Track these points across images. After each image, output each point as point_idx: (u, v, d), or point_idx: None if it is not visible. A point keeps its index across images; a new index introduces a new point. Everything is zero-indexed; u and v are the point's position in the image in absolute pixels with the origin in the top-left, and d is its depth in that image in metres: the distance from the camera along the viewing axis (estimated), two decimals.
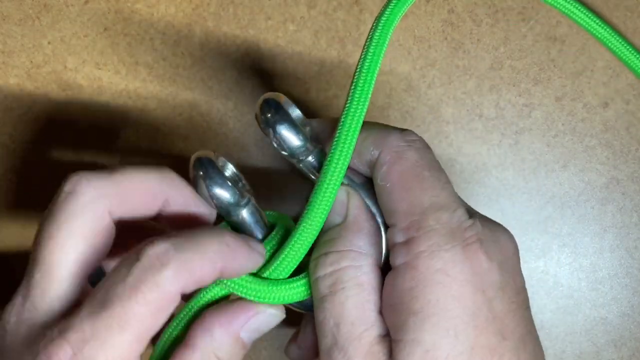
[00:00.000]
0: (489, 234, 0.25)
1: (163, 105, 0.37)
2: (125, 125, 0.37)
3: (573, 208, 0.38)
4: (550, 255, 0.38)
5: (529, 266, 0.38)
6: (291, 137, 0.27)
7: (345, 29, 0.36)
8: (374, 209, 0.27)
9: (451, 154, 0.37)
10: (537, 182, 0.37)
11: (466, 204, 0.27)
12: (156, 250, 0.24)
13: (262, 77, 0.36)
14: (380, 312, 0.25)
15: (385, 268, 0.26)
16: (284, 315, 0.27)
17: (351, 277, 0.25)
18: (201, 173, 0.26)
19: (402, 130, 0.26)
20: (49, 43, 0.36)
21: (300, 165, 0.28)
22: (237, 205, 0.27)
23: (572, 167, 0.37)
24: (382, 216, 0.27)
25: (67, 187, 0.26)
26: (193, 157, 0.27)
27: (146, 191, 0.27)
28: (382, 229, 0.27)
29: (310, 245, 0.26)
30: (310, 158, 0.27)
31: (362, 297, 0.25)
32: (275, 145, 0.27)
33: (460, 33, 0.36)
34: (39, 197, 0.37)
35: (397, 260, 0.25)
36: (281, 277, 0.27)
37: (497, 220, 0.38)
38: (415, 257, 0.24)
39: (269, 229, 0.28)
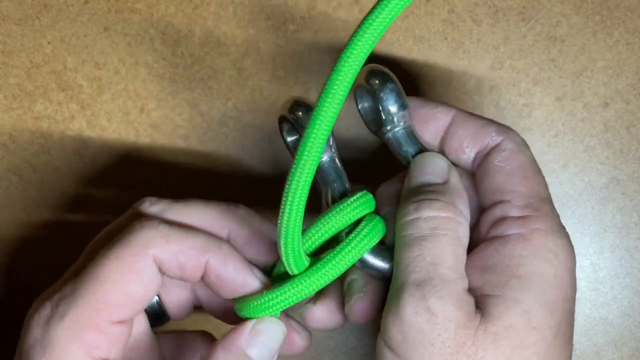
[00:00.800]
0: None
1: (163, 105, 0.37)
2: (124, 126, 0.37)
3: (573, 208, 0.38)
4: None
5: None
6: (393, 102, 0.29)
7: (345, 29, 0.36)
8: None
9: None
10: None
11: None
12: (142, 221, 0.27)
13: (262, 77, 0.36)
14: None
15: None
16: (283, 327, 0.28)
17: (452, 228, 0.26)
18: (300, 114, 0.28)
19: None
20: (48, 43, 0.36)
21: (389, 134, 0.29)
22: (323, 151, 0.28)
23: (572, 167, 0.37)
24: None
25: (135, 204, 0.29)
26: (290, 99, 0.29)
27: (205, 225, 0.29)
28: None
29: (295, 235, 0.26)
30: (398, 130, 0.29)
31: (458, 250, 0.26)
32: (373, 110, 0.29)
33: (460, 33, 0.36)
34: (38, 198, 0.37)
35: (510, 230, 0.26)
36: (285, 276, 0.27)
37: None
38: (532, 231, 0.26)
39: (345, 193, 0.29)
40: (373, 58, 0.36)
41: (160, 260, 0.26)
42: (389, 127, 0.29)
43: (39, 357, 0.25)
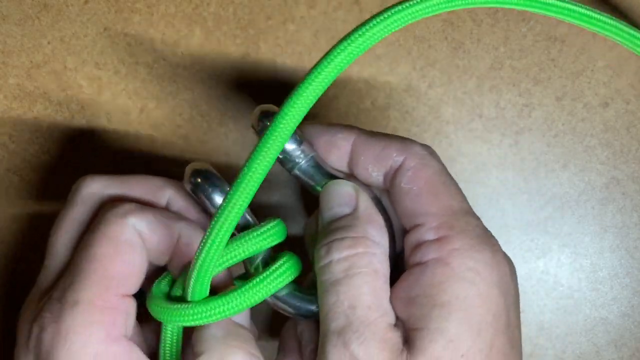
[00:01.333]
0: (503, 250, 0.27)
1: (163, 105, 0.37)
2: (125, 126, 0.37)
3: (573, 208, 0.38)
4: (550, 255, 0.38)
5: (529, 266, 0.38)
6: (290, 147, 0.28)
7: (345, 29, 0.36)
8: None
9: (451, 154, 0.37)
10: (537, 182, 0.37)
11: None
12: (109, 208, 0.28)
13: (262, 77, 0.36)
14: (390, 302, 0.26)
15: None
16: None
17: (367, 263, 0.26)
18: (199, 180, 0.28)
19: (421, 143, 0.28)
20: (48, 43, 0.36)
21: (295, 171, 0.29)
22: None
23: (572, 167, 0.37)
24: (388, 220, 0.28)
25: (74, 186, 0.30)
26: (190, 168, 0.28)
27: (147, 189, 0.30)
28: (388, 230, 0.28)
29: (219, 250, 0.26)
30: (301, 164, 0.28)
31: (377, 284, 0.26)
32: None
33: (460, 33, 0.36)
34: (39, 198, 0.37)
35: (427, 256, 0.26)
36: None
37: (497, 221, 0.38)
38: (449, 253, 0.25)
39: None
40: (373, 58, 0.36)
41: (139, 228, 0.27)
42: (291, 165, 0.29)
43: (60, 348, 0.25)
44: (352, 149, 0.28)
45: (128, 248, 0.27)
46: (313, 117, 0.37)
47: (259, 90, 0.37)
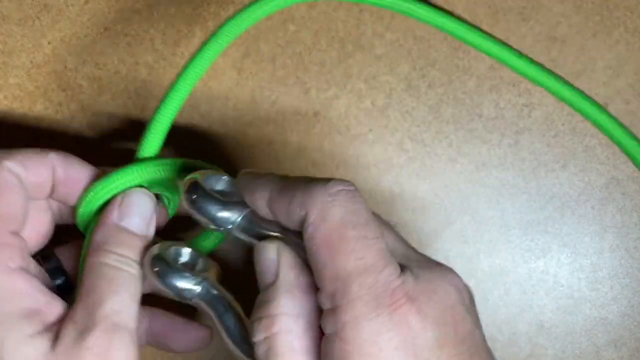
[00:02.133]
0: (424, 285, 0.25)
1: None
2: (125, 126, 0.37)
3: (573, 208, 0.38)
4: (550, 255, 0.38)
5: (529, 266, 0.38)
6: (217, 214, 0.27)
7: (345, 29, 0.36)
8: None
9: (451, 154, 0.37)
10: (537, 182, 0.37)
11: (405, 249, 0.27)
12: None
13: (263, 77, 0.36)
14: None
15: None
16: (151, 194, 0.30)
17: (283, 343, 0.25)
18: (157, 269, 0.27)
19: (326, 182, 0.25)
20: (49, 43, 0.36)
21: (233, 233, 0.28)
22: (191, 290, 0.28)
23: (572, 167, 0.37)
24: None
25: None
26: (148, 253, 0.28)
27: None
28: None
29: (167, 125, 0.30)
30: (239, 220, 0.27)
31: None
32: (202, 222, 0.28)
33: None
34: None
35: (327, 328, 0.24)
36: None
37: (497, 221, 0.38)
38: (342, 327, 0.24)
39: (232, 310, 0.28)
40: (373, 58, 0.36)
41: (12, 169, 0.29)
42: (224, 229, 0.28)
43: None
44: (268, 207, 0.26)
45: (6, 189, 0.28)
46: (314, 114, 0.37)
47: (259, 91, 0.37)
